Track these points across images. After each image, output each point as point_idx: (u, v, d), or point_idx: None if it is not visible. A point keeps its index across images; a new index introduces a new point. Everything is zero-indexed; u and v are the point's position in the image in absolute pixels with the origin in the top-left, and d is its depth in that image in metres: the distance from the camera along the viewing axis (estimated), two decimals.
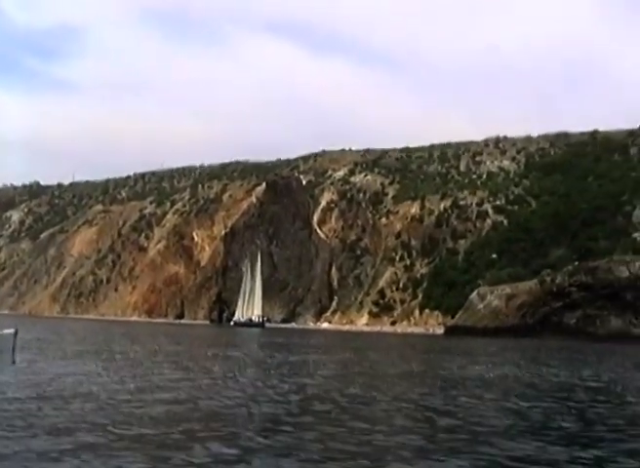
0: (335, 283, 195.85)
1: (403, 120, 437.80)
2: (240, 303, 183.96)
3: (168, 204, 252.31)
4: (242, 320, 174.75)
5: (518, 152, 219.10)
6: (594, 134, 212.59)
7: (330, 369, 32.75)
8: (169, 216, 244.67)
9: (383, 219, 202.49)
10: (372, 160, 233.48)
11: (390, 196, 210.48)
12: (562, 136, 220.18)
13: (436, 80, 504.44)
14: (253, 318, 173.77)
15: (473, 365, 38.06)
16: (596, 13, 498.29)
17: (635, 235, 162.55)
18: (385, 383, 24.86)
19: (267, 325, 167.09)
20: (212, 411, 17.26)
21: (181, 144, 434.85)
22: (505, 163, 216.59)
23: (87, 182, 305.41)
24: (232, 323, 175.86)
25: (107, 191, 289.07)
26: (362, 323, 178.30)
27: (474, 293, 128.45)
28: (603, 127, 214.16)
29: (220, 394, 20.55)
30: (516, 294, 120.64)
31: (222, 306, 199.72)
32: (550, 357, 49.93)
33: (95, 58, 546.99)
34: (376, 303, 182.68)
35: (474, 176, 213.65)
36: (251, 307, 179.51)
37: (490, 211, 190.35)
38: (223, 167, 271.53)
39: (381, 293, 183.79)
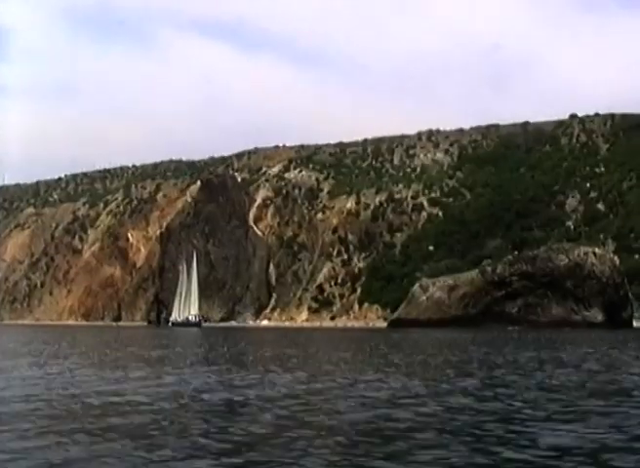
0: (273, 280, 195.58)
1: (336, 116, 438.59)
2: (177, 303, 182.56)
3: (101, 205, 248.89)
4: (179, 320, 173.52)
5: (451, 145, 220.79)
6: (525, 125, 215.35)
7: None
8: (102, 218, 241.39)
9: (320, 215, 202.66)
10: (306, 156, 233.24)
11: (326, 191, 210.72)
12: (493, 129, 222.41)
13: (367, 77, 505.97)
14: (190, 318, 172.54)
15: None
16: (524, 8, 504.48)
17: (569, 224, 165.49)
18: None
19: (205, 324, 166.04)
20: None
21: (112, 145, 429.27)
22: (439, 156, 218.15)
23: (17, 185, 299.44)
24: (170, 323, 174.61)
25: (39, 194, 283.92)
26: (302, 319, 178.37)
27: (416, 286, 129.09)
28: (533, 118, 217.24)
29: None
30: (458, 285, 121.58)
31: (160, 307, 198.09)
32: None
33: (21, 60, 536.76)
34: (315, 299, 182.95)
35: (408, 170, 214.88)
36: (187, 307, 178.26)
37: (425, 203, 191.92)
38: (156, 166, 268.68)
39: (320, 289, 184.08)
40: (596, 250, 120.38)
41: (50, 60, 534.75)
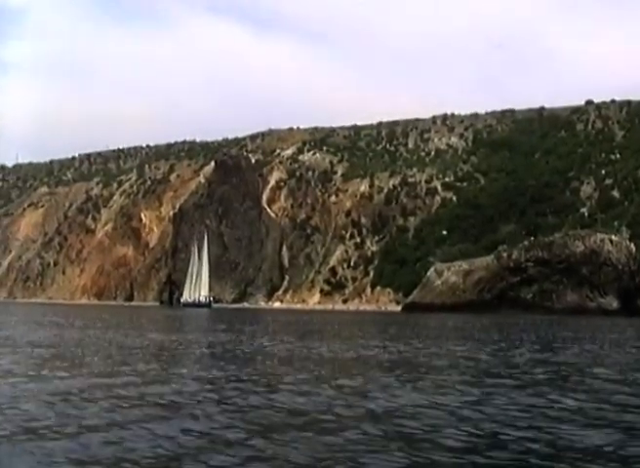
0: (286, 262, 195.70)
1: (350, 99, 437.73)
2: (188, 284, 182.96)
3: (115, 185, 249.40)
4: (189, 301, 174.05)
5: (466, 129, 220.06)
6: (540, 110, 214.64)
7: None
8: (116, 198, 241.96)
9: (333, 197, 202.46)
10: (320, 138, 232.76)
11: (339, 174, 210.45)
12: (509, 113, 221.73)
13: (382, 60, 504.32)
14: (200, 299, 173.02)
15: None
16: None
17: (583, 210, 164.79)
18: None
19: (215, 305, 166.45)
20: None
21: (127, 125, 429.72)
22: (453, 140, 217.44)
23: (31, 164, 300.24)
24: (181, 304, 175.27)
25: (52, 173, 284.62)
26: (314, 301, 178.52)
27: (431, 270, 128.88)
28: (549, 104, 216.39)
29: None
30: (473, 270, 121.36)
31: (172, 287, 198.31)
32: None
33: (34, 39, 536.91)
34: (327, 282, 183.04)
35: (423, 154, 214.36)
36: (198, 288, 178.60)
37: (439, 187, 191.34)
38: (170, 146, 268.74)
39: (333, 272, 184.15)
40: (612, 237, 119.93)
41: (64, 40, 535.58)
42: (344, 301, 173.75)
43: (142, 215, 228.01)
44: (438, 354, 26.13)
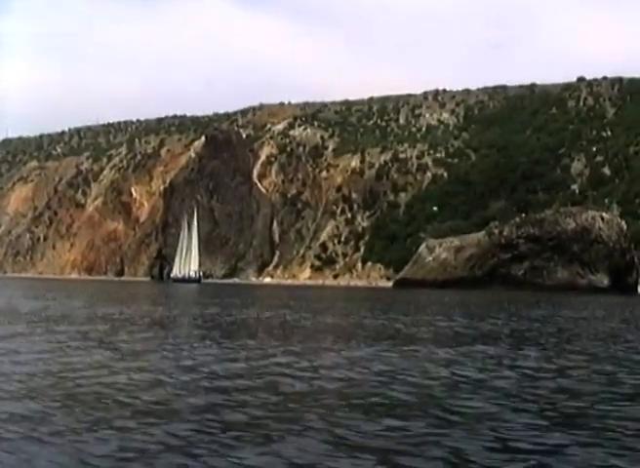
0: (276, 237, 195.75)
1: (341, 74, 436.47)
2: (177, 259, 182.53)
3: (105, 159, 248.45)
4: (179, 276, 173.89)
5: (457, 105, 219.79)
6: (532, 87, 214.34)
7: None
8: (106, 172, 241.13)
9: (324, 173, 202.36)
10: (311, 113, 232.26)
11: (330, 149, 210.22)
12: (500, 90, 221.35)
13: (373, 35, 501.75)
14: (190, 274, 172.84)
15: None
16: None
17: (573, 187, 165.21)
18: None
19: (205, 280, 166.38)
20: None
21: (116, 99, 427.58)
22: (445, 116, 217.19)
23: (20, 138, 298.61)
24: (171, 279, 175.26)
25: (42, 147, 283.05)
26: (304, 277, 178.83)
27: (423, 246, 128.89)
28: (540, 80, 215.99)
29: None
30: (464, 247, 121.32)
31: (163, 262, 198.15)
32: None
33: (24, 14, 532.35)
34: (318, 257, 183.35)
35: (414, 129, 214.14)
36: (188, 263, 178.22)
37: (430, 163, 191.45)
38: (160, 121, 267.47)
39: (323, 247, 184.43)
40: (604, 214, 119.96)
41: (54, 15, 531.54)
42: (335, 277, 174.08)
43: (133, 190, 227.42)
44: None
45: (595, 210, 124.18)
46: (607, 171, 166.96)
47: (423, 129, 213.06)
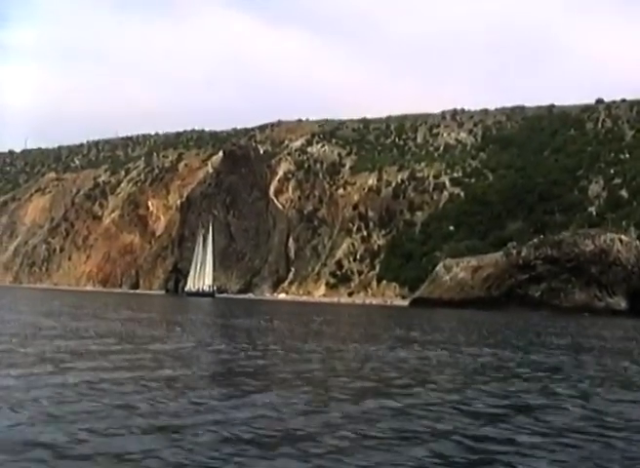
0: (292, 253, 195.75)
1: (360, 92, 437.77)
2: (192, 273, 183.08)
3: (122, 172, 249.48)
4: (193, 290, 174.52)
5: (475, 125, 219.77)
6: (550, 108, 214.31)
7: None
8: (123, 185, 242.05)
9: (341, 190, 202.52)
10: (329, 131, 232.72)
11: (347, 167, 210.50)
12: (518, 110, 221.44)
13: (392, 53, 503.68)
14: (204, 288, 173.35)
15: None
16: None
17: (591, 209, 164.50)
18: None
19: (222, 295, 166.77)
20: None
21: (136, 112, 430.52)
22: (462, 135, 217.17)
23: (39, 150, 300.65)
24: (185, 293, 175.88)
25: (60, 159, 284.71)
26: (319, 294, 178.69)
27: (440, 265, 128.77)
28: (559, 102, 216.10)
29: None
30: (482, 267, 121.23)
31: (178, 276, 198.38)
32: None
33: (44, 24, 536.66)
34: (333, 274, 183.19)
35: (431, 149, 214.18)
36: (202, 277, 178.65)
37: (447, 183, 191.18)
38: (179, 135, 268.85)
39: (339, 264, 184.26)
40: (622, 236, 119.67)
41: (75, 26, 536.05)
42: (350, 294, 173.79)
43: (150, 204, 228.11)
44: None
45: (614, 232, 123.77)
46: (624, 193, 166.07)
47: (441, 148, 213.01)
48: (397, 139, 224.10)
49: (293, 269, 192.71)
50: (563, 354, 28.13)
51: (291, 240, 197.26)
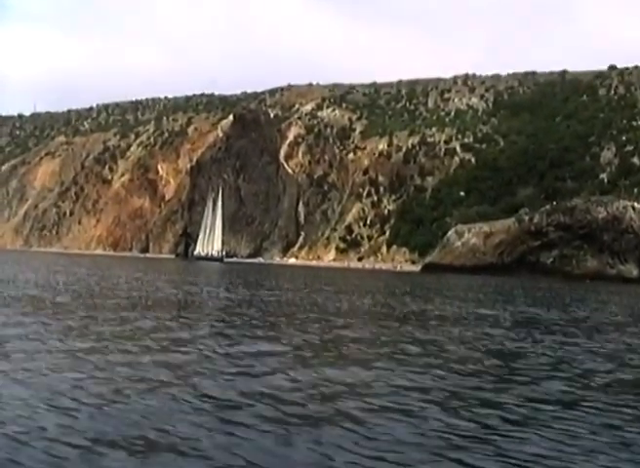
0: (302, 218, 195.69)
1: (370, 56, 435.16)
2: (201, 237, 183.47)
3: (132, 136, 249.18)
4: (202, 254, 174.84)
5: (487, 90, 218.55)
6: (563, 74, 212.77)
7: None
8: (133, 149, 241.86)
9: (351, 155, 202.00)
10: (339, 95, 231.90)
11: (358, 131, 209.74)
12: (530, 76, 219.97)
13: (403, 17, 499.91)
14: (213, 252, 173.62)
15: None
16: None
17: (602, 176, 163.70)
18: None
19: (231, 259, 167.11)
20: None
21: (145, 76, 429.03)
22: (474, 101, 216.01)
23: (48, 113, 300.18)
24: (194, 257, 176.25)
25: (70, 122, 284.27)
26: (329, 258, 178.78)
27: (452, 231, 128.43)
28: (571, 67, 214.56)
29: None
30: (494, 233, 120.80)
31: (188, 240, 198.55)
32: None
33: None
34: (343, 239, 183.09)
35: (442, 114, 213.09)
36: (211, 242, 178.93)
37: (458, 148, 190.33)
38: (188, 99, 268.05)
39: (349, 229, 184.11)
40: (635, 204, 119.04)
41: None
42: (360, 259, 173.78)
43: (159, 167, 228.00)
44: None
45: (626, 199, 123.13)
46: (636, 160, 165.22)
47: (452, 113, 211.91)
48: (408, 104, 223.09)
49: (302, 234, 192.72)
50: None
51: (301, 204, 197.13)
